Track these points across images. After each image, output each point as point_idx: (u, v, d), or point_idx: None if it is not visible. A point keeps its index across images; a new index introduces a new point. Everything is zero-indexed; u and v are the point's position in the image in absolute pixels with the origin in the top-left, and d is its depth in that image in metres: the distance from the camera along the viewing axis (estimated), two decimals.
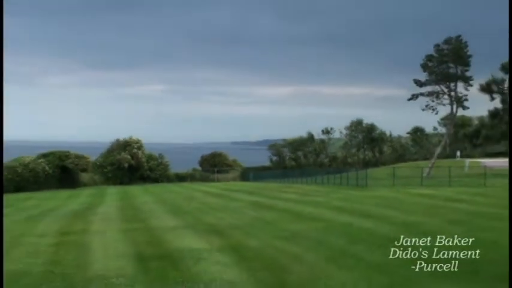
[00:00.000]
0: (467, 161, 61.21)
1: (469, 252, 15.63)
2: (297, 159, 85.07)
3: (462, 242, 16.76)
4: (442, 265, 14.72)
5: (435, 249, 16.35)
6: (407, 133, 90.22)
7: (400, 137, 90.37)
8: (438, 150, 61.84)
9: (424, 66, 54.76)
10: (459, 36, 51.82)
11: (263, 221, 28.07)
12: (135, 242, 21.93)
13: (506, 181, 40.87)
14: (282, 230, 24.00)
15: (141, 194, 51.72)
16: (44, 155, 64.75)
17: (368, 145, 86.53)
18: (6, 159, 61.63)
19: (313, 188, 48.45)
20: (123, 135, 70.84)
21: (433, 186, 44.02)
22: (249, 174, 74.24)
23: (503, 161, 52.51)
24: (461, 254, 15.59)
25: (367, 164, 71.12)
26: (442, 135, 72.53)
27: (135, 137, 68.32)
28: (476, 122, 51.40)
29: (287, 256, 17.86)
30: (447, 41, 52.69)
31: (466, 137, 48.09)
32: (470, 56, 52.74)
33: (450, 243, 17.01)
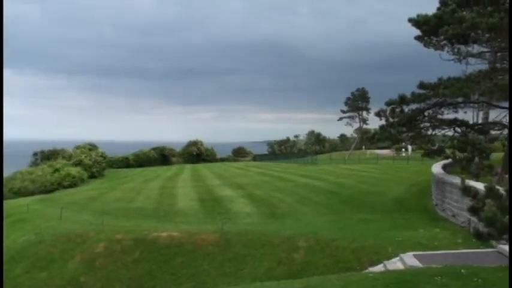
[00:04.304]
0: (368, 151, 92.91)
1: (366, 193, 30.84)
2: (281, 150, 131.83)
3: (364, 189, 32.16)
4: (353, 202, 29.73)
5: (351, 194, 31.55)
6: (337, 137, 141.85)
7: (333, 139, 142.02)
8: (353, 145, 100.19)
9: (346, 103, 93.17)
10: (364, 88, 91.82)
11: (263, 181, 44.04)
12: (199, 192, 37.66)
13: (386, 161, 63.00)
14: (273, 186, 39.53)
15: (202, 168, 74.02)
16: (153, 148, 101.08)
17: (317, 143, 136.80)
18: (131, 150, 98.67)
19: (289, 165, 69.11)
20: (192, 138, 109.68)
21: (350, 164, 63.34)
22: (257, 158, 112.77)
23: (386, 151, 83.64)
24: (364, 198, 30.71)
25: (316, 153, 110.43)
26: (354, 138, 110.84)
27: (198, 138, 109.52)
28: (372, 131, 74.56)
29: (276, 199, 32.73)
30: (358, 90, 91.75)
31: (367, 139, 70.28)
32: (369, 97, 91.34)
33: (358, 190, 32.53)
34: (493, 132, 28.18)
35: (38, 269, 20.71)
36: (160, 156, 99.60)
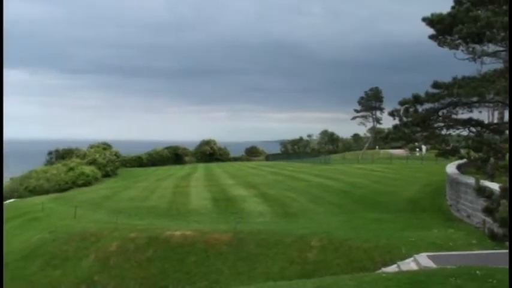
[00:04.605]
0: (382, 151, 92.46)
1: (381, 194, 30.69)
2: (294, 150, 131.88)
3: (377, 189, 32.03)
4: (366, 202, 29.66)
5: (365, 194, 31.44)
6: (351, 136, 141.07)
7: (346, 138, 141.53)
8: (366, 145, 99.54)
9: (359, 102, 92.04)
10: (377, 87, 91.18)
11: (276, 181, 43.97)
12: (212, 191, 37.72)
13: (400, 161, 62.61)
14: (286, 185, 39.49)
15: (215, 167, 74.17)
16: (167, 147, 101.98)
17: (330, 143, 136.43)
18: (145, 150, 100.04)
19: (302, 165, 68.63)
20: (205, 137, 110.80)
21: (364, 164, 62.69)
22: (270, 157, 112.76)
23: (400, 151, 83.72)
24: (377, 198, 30.59)
25: (330, 153, 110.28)
26: (368, 137, 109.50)
27: (211, 138, 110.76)
28: (386, 131, 73.44)
29: (289, 199, 32.72)
30: (371, 89, 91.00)
31: (381, 138, 69.78)
32: (383, 97, 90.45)
33: (371, 190, 32.39)
34: (508, 131, 27.89)
35: (52, 267, 20.92)
36: (174, 156, 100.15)
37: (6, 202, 44.66)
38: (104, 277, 19.42)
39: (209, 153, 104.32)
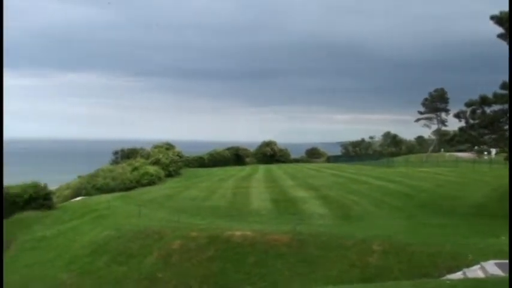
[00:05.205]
0: (447, 154, 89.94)
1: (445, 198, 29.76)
2: (355, 152, 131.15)
3: (442, 193, 31.06)
4: (430, 206, 28.86)
5: (428, 198, 30.61)
6: (414, 138, 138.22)
7: (410, 140, 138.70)
8: (431, 148, 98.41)
9: (423, 104, 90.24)
10: (442, 88, 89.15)
11: (337, 183, 43.57)
12: (272, 192, 37.99)
13: (466, 164, 59.09)
14: (347, 188, 39.04)
15: (276, 169, 74.89)
16: (227, 149, 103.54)
17: (393, 145, 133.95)
18: (206, 150, 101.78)
19: (363, 167, 67.33)
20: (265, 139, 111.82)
21: (428, 167, 60.67)
22: (331, 159, 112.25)
23: (466, 154, 79.04)
24: (441, 202, 29.73)
25: (392, 155, 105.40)
26: (433, 140, 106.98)
27: (272, 139, 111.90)
28: (452, 133, 69.74)
29: (350, 201, 32.37)
30: (436, 90, 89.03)
31: (446, 141, 66.75)
32: (448, 98, 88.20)
33: (435, 194, 31.43)
34: None
35: (117, 263, 21.64)
36: (234, 156, 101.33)
37: (75, 199, 46.60)
38: (166, 274, 19.90)
39: (270, 154, 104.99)
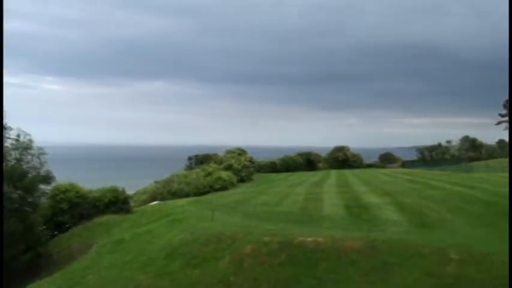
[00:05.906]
0: None
1: None
2: (431, 157, 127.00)
3: None
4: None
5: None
6: (495, 142, 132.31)
7: (491, 144, 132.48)
8: None
9: (504, 106, 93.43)
10: None
11: (412, 189, 42.52)
12: (344, 198, 37.61)
13: None
14: (423, 194, 37.73)
15: (348, 174, 74.67)
16: (299, 154, 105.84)
17: (472, 149, 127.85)
18: (276, 155, 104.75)
19: (439, 173, 65.53)
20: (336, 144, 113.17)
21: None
22: (406, 164, 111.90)
23: None
24: None
25: (471, 160, 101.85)
26: None
27: (344, 144, 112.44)
28: None
29: (426, 208, 31.29)
30: None
31: None
32: None
33: None
34: None
35: (192, 266, 22.07)
36: (306, 161, 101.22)
37: (151, 204, 48.14)
38: (238, 278, 20.07)
39: (342, 159, 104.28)
